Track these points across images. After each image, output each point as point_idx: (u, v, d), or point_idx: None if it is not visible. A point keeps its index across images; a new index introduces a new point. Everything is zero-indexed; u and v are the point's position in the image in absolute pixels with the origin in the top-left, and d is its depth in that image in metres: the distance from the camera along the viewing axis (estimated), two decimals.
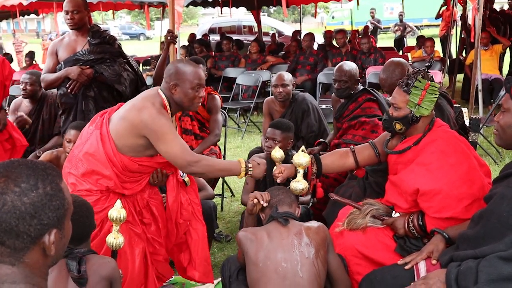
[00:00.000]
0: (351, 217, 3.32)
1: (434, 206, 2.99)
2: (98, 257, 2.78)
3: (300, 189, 3.44)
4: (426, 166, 3.07)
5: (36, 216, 1.46)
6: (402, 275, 2.80)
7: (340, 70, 4.96)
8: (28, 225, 1.45)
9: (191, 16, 51.67)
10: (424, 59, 11.37)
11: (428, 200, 3.01)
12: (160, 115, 3.25)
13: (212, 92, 5.53)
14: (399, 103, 3.19)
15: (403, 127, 3.20)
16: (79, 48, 4.78)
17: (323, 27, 35.51)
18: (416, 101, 3.12)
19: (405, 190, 3.13)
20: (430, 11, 27.97)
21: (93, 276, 2.64)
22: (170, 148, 3.27)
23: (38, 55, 14.00)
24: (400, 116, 3.19)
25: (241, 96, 10.77)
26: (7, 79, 5.09)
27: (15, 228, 1.43)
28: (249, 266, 2.86)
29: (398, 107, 3.20)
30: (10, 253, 1.45)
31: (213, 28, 23.19)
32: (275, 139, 4.36)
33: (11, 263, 1.46)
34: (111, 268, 2.73)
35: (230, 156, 7.52)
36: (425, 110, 3.13)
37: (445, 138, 3.14)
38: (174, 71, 3.38)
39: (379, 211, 3.29)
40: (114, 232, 3.03)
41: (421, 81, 3.12)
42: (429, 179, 3.02)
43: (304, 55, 11.18)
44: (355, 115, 4.89)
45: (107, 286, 2.69)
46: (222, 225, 5.35)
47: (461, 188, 2.94)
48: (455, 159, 3.03)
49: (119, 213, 2.96)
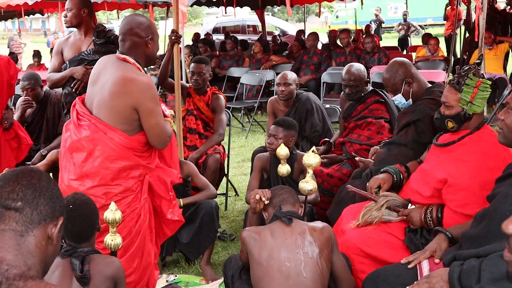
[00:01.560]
0: (366, 210, 3.33)
1: (458, 200, 3.00)
2: (103, 257, 2.78)
3: (309, 189, 3.47)
4: (464, 163, 3.08)
5: (59, 200, 1.61)
6: (405, 274, 2.81)
7: (349, 74, 4.94)
8: (46, 203, 1.58)
9: (196, 16, 51.70)
10: (428, 59, 11.36)
11: (453, 192, 3.03)
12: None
13: (217, 91, 5.55)
14: (451, 101, 3.18)
15: (456, 125, 3.19)
16: (84, 48, 4.80)
17: (327, 27, 35.46)
18: (468, 99, 3.12)
19: (434, 176, 3.14)
20: (434, 11, 27.98)
21: (97, 275, 2.65)
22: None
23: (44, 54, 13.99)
24: (452, 114, 3.18)
25: (245, 96, 10.77)
26: (13, 79, 5.13)
27: (37, 200, 1.57)
28: (253, 265, 2.87)
29: (450, 105, 3.18)
30: (24, 221, 1.54)
31: (217, 27, 23.22)
32: (276, 136, 4.36)
33: (21, 233, 1.54)
34: (115, 268, 2.74)
35: (234, 156, 7.53)
36: (477, 107, 3.12)
37: (491, 142, 3.11)
38: (148, 24, 3.46)
39: (395, 202, 3.31)
40: (111, 233, 3.00)
41: (473, 78, 3.11)
42: (461, 173, 3.04)
43: (308, 54, 11.18)
44: (363, 116, 4.91)
45: (111, 285, 2.71)
46: (226, 224, 5.36)
47: (490, 192, 2.94)
48: (493, 164, 3.02)
49: (114, 214, 2.94)
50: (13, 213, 1.53)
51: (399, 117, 4.15)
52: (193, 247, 4.40)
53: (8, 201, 1.53)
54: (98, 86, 3.41)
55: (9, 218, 1.53)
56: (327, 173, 4.73)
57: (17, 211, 1.53)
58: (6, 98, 5.18)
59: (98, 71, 3.47)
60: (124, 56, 3.40)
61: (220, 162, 5.30)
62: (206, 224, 4.32)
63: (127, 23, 3.48)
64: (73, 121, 3.43)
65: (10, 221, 1.53)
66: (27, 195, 1.54)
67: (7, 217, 1.53)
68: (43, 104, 5.68)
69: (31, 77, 5.69)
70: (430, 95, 3.91)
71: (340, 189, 4.27)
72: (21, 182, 1.56)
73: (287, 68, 10.27)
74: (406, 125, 3.89)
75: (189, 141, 5.44)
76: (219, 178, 5.47)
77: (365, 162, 4.17)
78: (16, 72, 5.28)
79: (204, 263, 4.37)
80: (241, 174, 7.12)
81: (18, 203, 1.53)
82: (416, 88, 3.98)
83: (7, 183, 1.55)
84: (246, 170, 7.17)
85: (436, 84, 4.11)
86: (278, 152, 4.00)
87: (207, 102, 5.46)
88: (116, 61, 3.42)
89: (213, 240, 4.44)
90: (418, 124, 3.81)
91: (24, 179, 1.56)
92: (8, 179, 1.57)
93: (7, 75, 5.03)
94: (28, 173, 1.59)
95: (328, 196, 4.61)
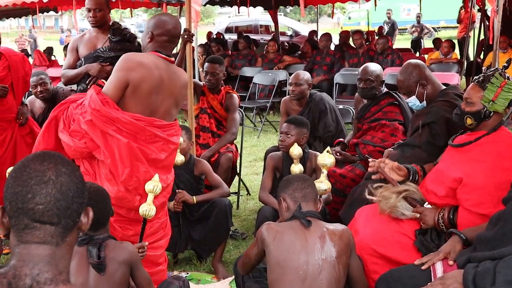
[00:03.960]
0: (385, 193, 3.32)
1: (472, 200, 3.00)
2: (115, 243, 2.80)
3: (324, 189, 3.48)
4: (480, 163, 3.07)
5: (82, 194, 1.55)
6: (419, 275, 2.81)
7: (365, 70, 4.97)
8: (78, 203, 1.53)
9: (208, 15, 51.70)
10: (441, 61, 11.32)
11: (468, 192, 3.02)
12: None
13: (230, 90, 5.56)
14: (473, 97, 3.18)
15: (474, 122, 3.18)
16: (100, 45, 4.81)
17: (339, 28, 35.41)
18: (491, 97, 3.11)
19: (449, 176, 3.14)
20: (447, 13, 27.83)
21: (111, 262, 2.68)
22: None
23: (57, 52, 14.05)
24: (472, 111, 3.17)
25: (257, 95, 10.78)
26: (28, 75, 5.19)
27: (70, 207, 1.51)
28: (270, 264, 2.82)
29: (471, 102, 3.18)
30: (60, 233, 1.51)
31: (230, 27, 23.21)
32: (288, 133, 4.37)
33: (57, 243, 1.50)
34: (128, 252, 2.76)
35: (246, 155, 7.54)
36: (499, 107, 3.11)
37: (507, 143, 3.11)
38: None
39: (414, 195, 3.30)
40: (149, 201, 3.16)
41: (498, 78, 3.11)
42: (477, 172, 3.04)
43: (321, 55, 11.16)
44: (376, 118, 4.91)
45: (126, 270, 2.72)
46: (238, 223, 5.37)
47: (505, 192, 2.89)
48: (509, 164, 3.02)
49: (155, 185, 3.17)
50: (48, 227, 1.48)
51: (413, 118, 4.15)
52: (205, 245, 4.42)
53: (43, 217, 1.47)
54: (167, 93, 3.52)
55: (45, 233, 1.48)
56: (340, 174, 4.73)
57: (53, 225, 1.49)
58: (21, 93, 5.23)
59: (161, 78, 3.49)
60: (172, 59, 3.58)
61: (232, 161, 5.32)
62: (219, 222, 4.34)
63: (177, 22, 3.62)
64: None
65: (45, 236, 1.48)
66: (61, 208, 1.48)
67: (42, 231, 1.48)
68: (52, 102, 5.68)
69: (40, 73, 5.71)
70: (444, 97, 3.90)
71: (354, 189, 4.27)
72: (52, 194, 1.47)
73: (300, 69, 10.23)
74: (420, 126, 3.88)
75: (202, 139, 5.46)
76: (231, 177, 5.49)
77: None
78: (30, 68, 5.33)
79: (216, 261, 4.39)
80: (252, 174, 7.13)
81: (54, 219, 1.48)
82: (431, 90, 3.97)
83: (38, 194, 1.47)
84: (258, 170, 7.18)
85: (450, 86, 4.10)
86: (291, 151, 4.01)
87: (220, 101, 5.48)
88: (169, 64, 3.56)
89: (226, 238, 4.46)
90: (432, 126, 3.81)
91: (54, 188, 1.48)
92: (38, 190, 1.47)
93: (22, 71, 5.09)
94: (56, 179, 1.49)
95: (341, 197, 4.60)
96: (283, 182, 3.12)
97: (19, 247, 1.49)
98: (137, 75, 3.37)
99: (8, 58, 5.00)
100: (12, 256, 1.50)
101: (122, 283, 2.71)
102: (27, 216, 1.46)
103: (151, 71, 3.40)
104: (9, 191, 1.49)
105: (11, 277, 1.44)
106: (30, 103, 5.70)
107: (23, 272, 1.45)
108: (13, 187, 1.48)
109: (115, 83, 3.42)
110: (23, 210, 1.46)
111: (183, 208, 4.31)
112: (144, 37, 3.61)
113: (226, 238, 4.47)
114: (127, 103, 3.41)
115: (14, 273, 1.45)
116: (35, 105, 5.73)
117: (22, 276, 1.44)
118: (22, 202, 1.46)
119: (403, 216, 3.28)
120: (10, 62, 4.99)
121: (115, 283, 2.67)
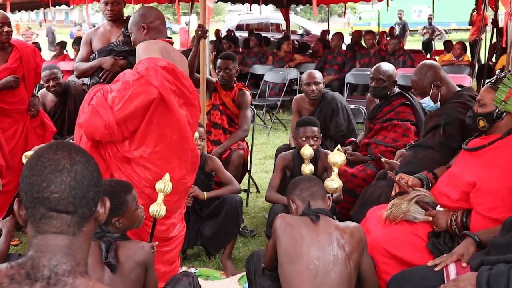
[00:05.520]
0: (395, 201, 3.31)
1: (486, 204, 2.98)
2: (133, 243, 2.79)
3: (335, 187, 3.47)
4: (493, 167, 3.05)
5: (98, 183, 1.55)
6: (432, 277, 2.79)
7: (378, 69, 4.96)
8: (94, 191, 1.52)
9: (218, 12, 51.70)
10: (453, 63, 11.27)
11: (481, 196, 3.00)
12: None
13: (243, 87, 5.56)
14: (485, 99, 3.17)
15: (487, 124, 3.17)
16: (114, 39, 4.81)
17: (349, 28, 35.34)
18: (503, 98, 3.10)
19: (462, 179, 3.12)
20: (458, 15, 27.76)
21: (128, 262, 2.66)
22: None
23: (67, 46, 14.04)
24: (485, 112, 3.17)
25: (267, 93, 10.77)
26: (39, 67, 5.21)
27: (86, 195, 1.50)
28: (281, 258, 2.83)
29: (483, 104, 3.17)
30: (77, 222, 1.50)
31: (241, 24, 23.19)
32: (315, 136, 4.44)
33: (73, 233, 1.50)
34: (146, 253, 2.74)
35: (256, 152, 7.54)
36: (511, 107, 3.10)
37: None
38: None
39: (426, 199, 3.29)
40: (159, 201, 3.13)
41: (510, 79, 3.10)
42: (490, 177, 3.01)
43: (332, 54, 11.15)
44: (388, 118, 4.89)
45: (142, 271, 2.71)
46: (247, 220, 5.36)
47: None
48: None
49: (166, 185, 3.11)
50: (65, 216, 1.48)
51: (427, 119, 4.13)
52: (215, 241, 4.42)
53: (59, 206, 1.46)
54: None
55: (61, 222, 1.48)
56: (351, 173, 4.72)
57: (69, 214, 1.48)
58: (33, 85, 5.25)
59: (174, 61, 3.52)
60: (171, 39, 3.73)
61: (243, 158, 5.31)
62: (230, 219, 4.34)
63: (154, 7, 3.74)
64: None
65: (62, 225, 1.48)
66: (77, 196, 1.48)
67: (59, 220, 1.48)
68: (64, 96, 5.69)
69: (52, 67, 5.72)
70: (459, 99, 3.88)
71: (365, 189, 4.25)
72: (67, 182, 1.47)
73: (311, 67, 10.22)
74: (434, 128, 3.86)
75: (213, 135, 5.46)
76: (242, 174, 5.48)
77: (391, 164, 4.15)
78: (42, 60, 5.36)
79: (226, 258, 4.38)
80: (262, 171, 7.13)
81: (70, 207, 1.48)
82: (445, 91, 3.95)
83: (52, 183, 1.47)
84: (267, 168, 7.18)
85: (465, 88, 4.08)
86: (303, 152, 4.03)
87: (233, 97, 5.48)
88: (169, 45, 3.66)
89: (236, 235, 4.46)
90: (445, 127, 3.78)
91: (69, 177, 1.48)
92: (52, 178, 1.47)
93: (34, 63, 5.11)
94: (71, 167, 1.49)
95: (351, 196, 4.59)
96: (291, 184, 3.15)
97: (37, 238, 1.48)
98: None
99: (20, 49, 5.01)
100: (30, 247, 1.49)
101: (137, 283, 2.70)
102: (43, 205, 1.46)
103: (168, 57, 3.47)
104: (25, 182, 1.49)
105: (29, 268, 1.44)
106: (42, 96, 5.71)
107: (41, 263, 1.45)
108: (28, 177, 1.48)
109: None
110: (39, 200, 1.46)
111: (193, 204, 4.31)
112: (137, 33, 3.69)
113: (236, 235, 4.47)
114: None
115: (32, 264, 1.45)
116: (46, 98, 5.73)
117: (40, 267, 1.44)
118: (37, 192, 1.46)
119: (415, 219, 3.27)
120: (22, 53, 5.01)
121: (131, 283, 2.65)
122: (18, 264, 1.45)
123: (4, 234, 2.93)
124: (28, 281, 1.41)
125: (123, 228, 2.81)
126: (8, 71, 4.90)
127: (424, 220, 3.25)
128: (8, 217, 3.05)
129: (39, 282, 1.42)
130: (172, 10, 41.32)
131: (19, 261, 1.46)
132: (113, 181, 2.92)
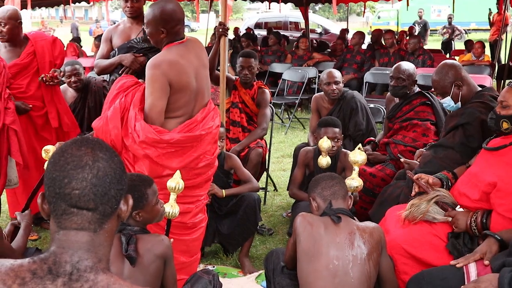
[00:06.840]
0: (415, 201, 3.29)
1: (507, 205, 2.95)
2: (152, 236, 2.81)
3: (355, 186, 3.46)
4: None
5: (121, 180, 1.54)
6: (451, 277, 2.78)
7: (398, 68, 4.94)
8: (116, 189, 1.52)
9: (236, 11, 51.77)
10: (473, 63, 11.19)
11: (502, 197, 2.97)
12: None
13: (263, 86, 5.55)
14: (509, 100, 3.14)
15: (511, 126, 3.14)
16: (134, 36, 4.82)
17: (368, 27, 35.22)
18: None
19: (483, 179, 3.09)
20: (478, 15, 27.52)
21: (147, 254, 2.68)
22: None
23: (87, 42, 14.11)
24: (508, 114, 3.14)
25: (286, 92, 10.76)
26: (57, 59, 5.12)
27: (108, 193, 1.49)
28: (300, 256, 2.84)
29: (507, 105, 3.15)
30: (98, 219, 1.50)
31: (259, 23, 23.18)
32: (336, 137, 4.45)
33: (94, 229, 1.50)
34: (165, 246, 2.75)
35: (273, 151, 7.52)
36: None
37: None
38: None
39: (445, 199, 3.27)
40: (171, 201, 3.10)
41: None
42: (511, 177, 2.98)
43: (351, 53, 11.10)
44: (408, 117, 4.86)
45: (161, 264, 2.73)
46: (265, 218, 5.36)
47: None
48: None
49: (177, 183, 3.07)
50: (85, 213, 1.48)
51: (447, 119, 4.10)
52: (233, 239, 4.42)
53: (80, 203, 1.47)
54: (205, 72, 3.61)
55: (82, 218, 1.48)
56: (370, 173, 4.70)
57: (90, 211, 1.48)
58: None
59: (190, 62, 3.50)
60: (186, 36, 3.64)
61: (262, 156, 5.30)
62: (248, 217, 4.34)
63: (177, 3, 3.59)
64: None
65: (83, 222, 1.48)
66: (98, 193, 1.48)
67: (79, 217, 1.48)
68: (84, 92, 5.71)
69: (74, 63, 5.72)
70: (480, 99, 3.84)
71: (384, 189, 4.24)
72: (89, 179, 1.47)
73: (330, 66, 10.18)
74: (454, 127, 3.83)
75: (232, 133, 5.46)
76: (260, 172, 5.48)
77: (410, 164, 4.12)
78: (61, 53, 5.24)
79: (243, 255, 4.39)
80: (280, 170, 7.12)
81: (91, 204, 1.48)
82: (466, 91, 3.91)
83: (74, 179, 1.47)
84: (285, 166, 7.17)
85: (486, 88, 4.04)
86: (320, 144, 4.05)
87: (252, 96, 5.47)
88: (186, 45, 3.59)
89: (253, 233, 4.47)
90: (466, 127, 3.75)
91: (90, 173, 1.47)
92: (74, 175, 1.47)
93: (50, 55, 5.03)
94: (93, 164, 1.48)
95: (370, 196, 4.58)
96: (312, 182, 3.14)
97: (59, 233, 1.49)
98: (174, 73, 3.36)
99: (34, 43, 4.96)
100: (53, 242, 1.50)
101: (156, 276, 2.71)
102: (64, 201, 1.47)
103: (182, 65, 3.41)
104: (48, 177, 1.50)
105: (52, 263, 1.44)
106: (62, 91, 5.74)
107: (63, 259, 1.45)
108: (51, 172, 1.49)
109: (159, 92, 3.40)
110: (60, 195, 1.47)
111: (212, 201, 4.31)
112: (155, 33, 3.55)
113: (253, 233, 4.47)
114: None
115: (54, 260, 1.45)
116: (67, 94, 5.74)
117: (62, 263, 1.45)
118: (59, 187, 1.46)
119: (434, 220, 3.25)
120: (36, 47, 4.96)
121: (150, 275, 2.67)
122: (40, 259, 1.45)
123: (23, 228, 2.96)
124: (50, 276, 1.42)
125: (143, 221, 2.82)
126: (18, 66, 4.86)
127: (444, 221, 3.23)
128: (27, 211, 3.08)
129: (61, 277, 1.42)
130: (191, 8, 41.43)
131: (41, 256, 1.47)
132: (134, 174, 2.94)
